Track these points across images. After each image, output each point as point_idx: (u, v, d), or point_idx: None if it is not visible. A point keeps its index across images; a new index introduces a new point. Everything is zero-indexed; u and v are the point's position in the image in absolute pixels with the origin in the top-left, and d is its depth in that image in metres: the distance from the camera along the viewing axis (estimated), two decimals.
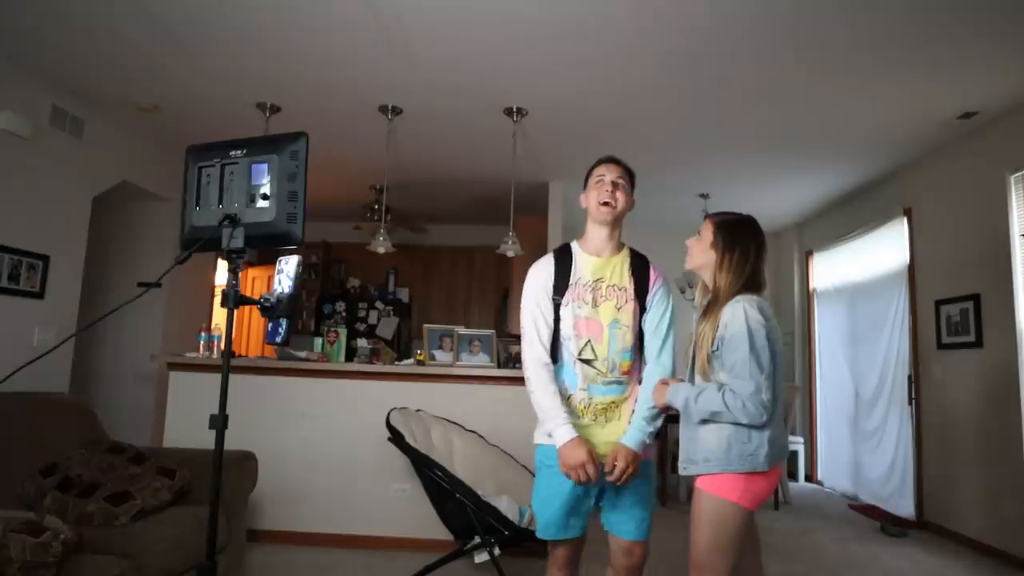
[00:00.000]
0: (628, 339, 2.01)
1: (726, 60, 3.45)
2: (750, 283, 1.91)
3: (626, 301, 2.02)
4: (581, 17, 3.09)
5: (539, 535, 2.02)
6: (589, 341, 1.99)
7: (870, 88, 3.72)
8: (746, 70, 3.56)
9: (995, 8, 2.90)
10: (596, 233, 2.08)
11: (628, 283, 2.04)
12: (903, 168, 5.03)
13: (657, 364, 2.03)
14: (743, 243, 1.96)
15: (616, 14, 3.06)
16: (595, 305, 2.00)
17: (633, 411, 2.02)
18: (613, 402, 2.01)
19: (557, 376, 2.01)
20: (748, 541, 1.97)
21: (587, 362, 1.99)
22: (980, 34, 3.11)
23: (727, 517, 1.81)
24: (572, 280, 2.03)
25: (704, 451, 1.85)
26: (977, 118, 4.06)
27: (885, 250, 5.25)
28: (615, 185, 2.05)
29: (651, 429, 1.97)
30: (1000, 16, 2.96)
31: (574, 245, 2.12)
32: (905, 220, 4.97)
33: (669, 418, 2.45)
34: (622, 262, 2.08)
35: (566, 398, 1.99)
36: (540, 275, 2.06)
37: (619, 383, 2.01)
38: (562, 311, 2.01)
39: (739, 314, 1.81)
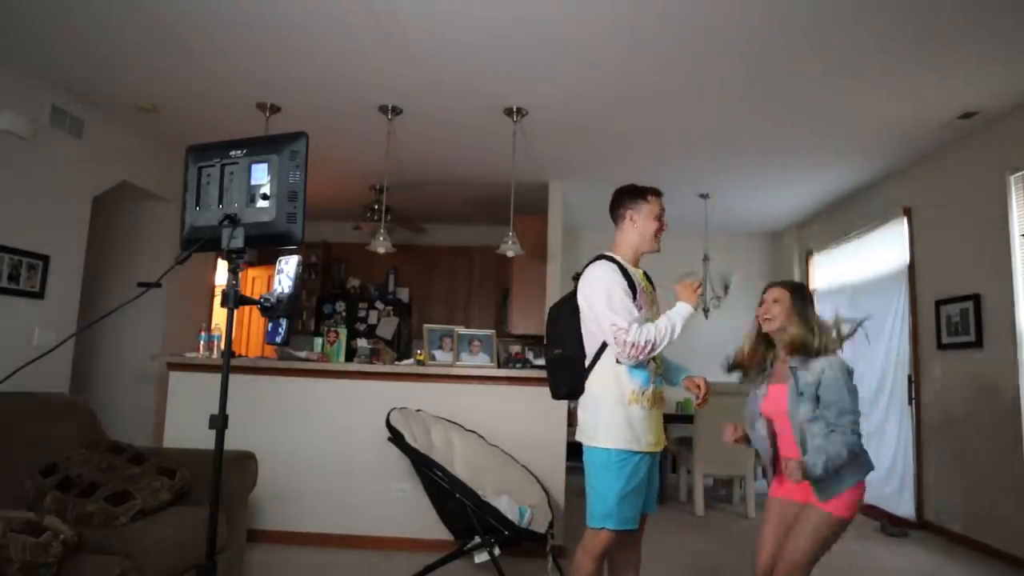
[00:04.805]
0: None
1: (726, 61, 3.45)
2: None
3: (659, 305, 2.37)
4: (581, 17, 3.09)
5: (622, 527, 2.16)
6: None
7: (870, 88, 3.72)
8: (746, 71, 3.56)
9: (995, 8, 2.90)
10: (634, 252, 2.34)
11: (651, 290, 2.40)
12: (903, 168, 5.03)
13: None
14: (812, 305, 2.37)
15: (616, 14, 3.06)
16: (650, 308, 2.30)
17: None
18: (663, 391, 2.32)
19: (630, 376, 2.18)
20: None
21: (654, 359, 2.24)
22: (980, 34, 3.11)
23: (833, 529, 2.15)
24: (636, 288, 2.25)
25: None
26: (977, 118, 4.06)
27: (885, 250, 5.25)
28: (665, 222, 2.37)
29: None
30: (1000, 16, 2.96)
31: (617, 257, 2.31)
32: (905, 220, 4.97)
33: (668, 417, 2.57)
34: (643, 274, 2.41)
35: (641, 392, 2.18)
36: (617, 276, 2.21)
37: (661, 375, 2.32)
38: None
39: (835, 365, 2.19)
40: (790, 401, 2.22)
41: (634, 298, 2.19)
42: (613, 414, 2.16)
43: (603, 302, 2.15)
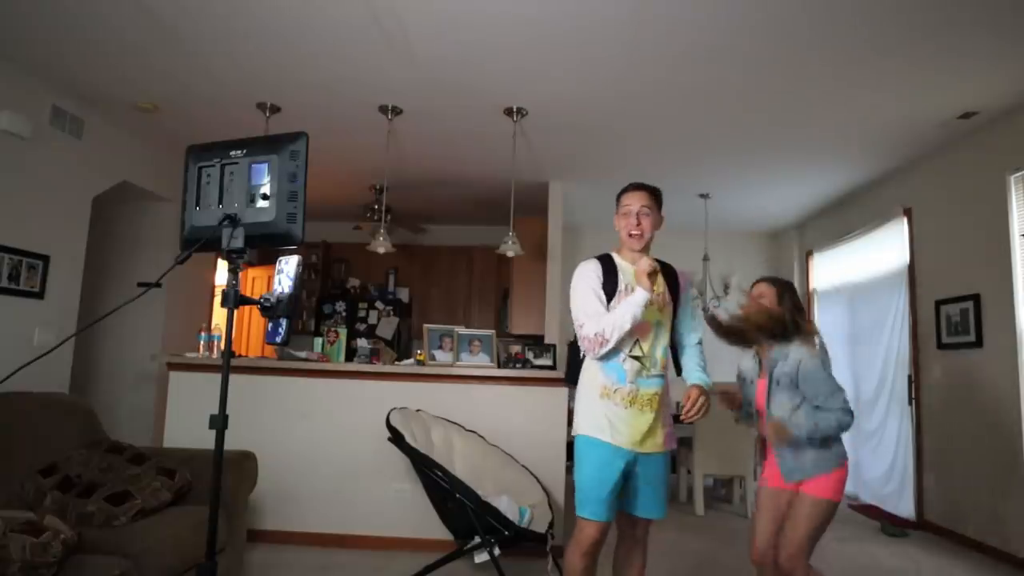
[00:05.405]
0: (666, 337, 2.30)
1: (727, 61, 3.45)
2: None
3: (665, 304, 2.30)
4: (582, 17, 3.09)
5: (592, 518, 2.17)
6: (638, 340, 2.22)
7: (870, 88, 3.72)
8: (746, 71, 3.56)
9: (995, 8, 2.90)
10: (631, 252, 2.32)
11: (663, 288, 2.31)
12: (903, 168, 5.03)
13: (696, 346, 2.40)
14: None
15: (617, 15, 3.06)
16: (648, 308, 2.22)
17: (664, 402, 2.28)
18: (656, 394, 2.24)
19: (602, 373, 2.22)
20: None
21: (636, 358, 2.22)
22: (980, 34, 3.11)
23: (824, 512, 2.34)
24: (620, 286, 2.24)
25: (809, 460, 2.37)
26: (977, 118, 4.06)
27: (885, 250, 5.25)
28: (640, 215, 2.28)
29: (707, 377, 2.33)
30: (1000, 16, 2.96)
31: (615, 256, 2.33)
32: (905, 220, 4.97)
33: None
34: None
35: (613, 391, 2.19)
36: (591, 273, 2.28)
37: (660, 376, 2.26)
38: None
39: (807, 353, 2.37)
40: (767, 398, 2.42)
41: (611, 296, 2.22)
42: (589, 404, 2.24)
43: (574, 298, 2.28)
